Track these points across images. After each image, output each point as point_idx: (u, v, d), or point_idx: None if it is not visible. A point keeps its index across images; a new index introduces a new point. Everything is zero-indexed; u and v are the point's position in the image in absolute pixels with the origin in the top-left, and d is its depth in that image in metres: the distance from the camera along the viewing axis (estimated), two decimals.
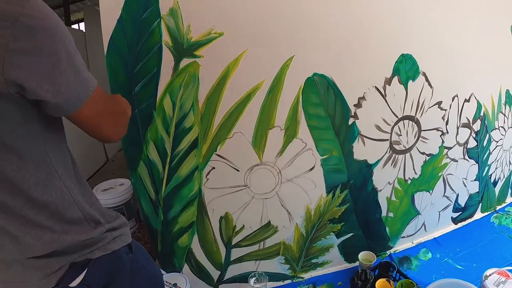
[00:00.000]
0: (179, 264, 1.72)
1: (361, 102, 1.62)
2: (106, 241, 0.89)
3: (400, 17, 1.60)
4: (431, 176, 1.98)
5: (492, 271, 1.62)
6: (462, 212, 2.24)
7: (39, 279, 0.81)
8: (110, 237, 0.90)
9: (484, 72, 1.96)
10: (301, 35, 1.46)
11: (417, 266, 1.91)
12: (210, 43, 1.37)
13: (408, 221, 2.02)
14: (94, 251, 0.86)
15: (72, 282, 0.83)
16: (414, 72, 1.70)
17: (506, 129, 2.22)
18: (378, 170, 1.77)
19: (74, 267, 0.84)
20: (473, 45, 1.85)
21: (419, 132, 1.81)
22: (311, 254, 1.84)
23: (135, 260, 0.97)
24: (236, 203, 1.62)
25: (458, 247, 2.04)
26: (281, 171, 1.59)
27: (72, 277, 0.83)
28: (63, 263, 0.82)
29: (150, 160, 1.49)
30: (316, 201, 1.71)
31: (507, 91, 2.12)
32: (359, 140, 1.67)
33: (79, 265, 0.84)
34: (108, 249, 0.89)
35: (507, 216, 2.29)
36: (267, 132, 1.52)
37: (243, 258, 1.75)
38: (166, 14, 1.33)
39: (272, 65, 1.46)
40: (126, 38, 1.33)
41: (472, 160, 2.12)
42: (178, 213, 1.59)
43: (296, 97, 1.51)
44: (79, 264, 0.84)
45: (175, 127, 1.46)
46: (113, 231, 0.92)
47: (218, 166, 1.53)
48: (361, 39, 1.55)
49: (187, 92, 1.41)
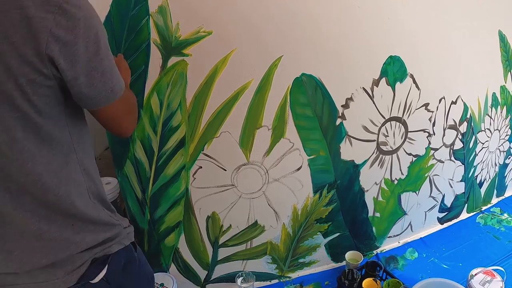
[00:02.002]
0: (166, 263, 1.71)
1: (348, 103, 1.62)
2: (121, 236, 0.92)
3: (389, 19, 1.60)
4: (418, 177, 1.99)
5: (477, 270, 1.64)
6: (448, 212, 2.26)
7: (60, 277, 0.80)
8: (124, 232, 0.94)
9: (471, 74, 1.98)
10: (290, 35, 1.46)
11: (404, 266, 1.92)
12: (199, 41, 1.37)
13: (395, 221, 2.03)
14: (113, 245, 0.88)
15: (94, 279, 0.84)
16: (402, 74, 1.71)
17: (492, 131, 2.25)
18: (365, 170, 1.78)
19: (96, 262, 0.84)
20: (461, 48, 1.87)
21: (406, 133, 1.83)
22: (298, 253, 1.85)
23: (139, 258, 1.01)
24: (223, 202, 1.61)
25: (444, 247, 2.06)
26: (268, 170, 1.59)
27: (94, 273, 0.84)
28: (85, 259, 0.82)
29: (137, 159, 1.48)
30: (303, 201, 1.71)
31: (494, 93, 2.14)
32: (346, 141, 1.68)
33: (100, 260, 0.85)
34: (122, 243, 0.92)
35: (493, 217, 2.32)
36: (254, 132, 1.52)
37: (230, 257, 1.75)
38: (155, 12, 1.32)
39: (260, 64, 1.46)
40: (114, 35, 1.32)
41: (458, 161, 2.14)
42: (164, 213, 1.58)
43: (284, 97, 1.51)
44: (100, 259, 0.85)
45: (162, 126, 1.45)
46: (127, 228, 0.96)
47: (205, 165, 1.53)
48: (349, 40, 1.56)
49: (174, 90, 1.41)
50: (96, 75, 0.72)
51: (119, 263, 0.91)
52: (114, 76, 0.77)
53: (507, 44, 2.10)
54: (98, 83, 0.73)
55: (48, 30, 0.62)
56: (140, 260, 1.01)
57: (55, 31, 0.63)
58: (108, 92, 0.75)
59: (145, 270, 1.06)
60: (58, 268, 0.79)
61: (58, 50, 0.64)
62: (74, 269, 0.81)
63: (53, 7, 0.62)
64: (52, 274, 0.79)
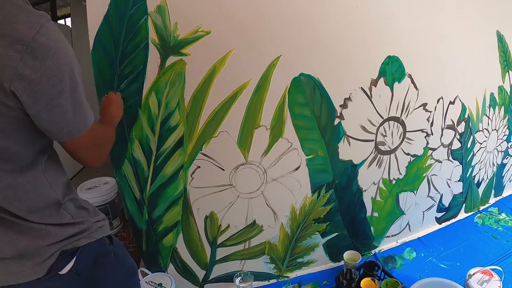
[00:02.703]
0: (164, 263, 1.71)
1: (347, 103, 1.63)
2: (91, 230, 0.94)
3: (387, 19, 1.61)
4: (416, 177, 2.00)
5: (475, 270, 1.65)
6: (446, 212, 2.27)
7: (30, 269, 0.83)
8: (94, 227, 0.95)
9: (469, 75, 1.99)
10: (288, 35, 1.46)
11: (402, 265, 1.92)
12: (197, 41, 1.37)
13: (393, 221, 2.03)
14: (81, 239, 0.90)
15: (62, 270, 0.87)
16: (400, 74, 1.71)
17: (490, 131, 2.26)
18: (363, 170, 1.78)
19: (64, 255, 0.87)
20: (459, 48, 1.88)
21: (404, 133, 1.83)
22: (296, 253, 1.85)
23: (115, 251, 1.02)
24: (221, 202, 1.61)
25: (442, 246, 2.07)
26: (267, 170, 1.59)
27: (62, 265, 0.87)
28: (53, 251, 0.85)
29: (135, 159, 1.48)
30: (301, 201, 1.71)
31: (492, 94, 2.15)
32: (344, 141, 1.68)
33: (68, 253, 0.88)
34: (92, 237, 0.94)
35: (490, 216, 2.33)
36: (252, 132, 1.52)
37: (228, 257, 1.74)
38: (154, 11, 1.32)
39: (259, 64, 1.46)
40: (112, 35, 1.32)
41: (456, 161, 2.15)
42: (163, 212, 1.58)
43: (282, 97, 1.51)
44: (68, 252, 0.88)
45: (161, 126, 1.45)
46: (97, 222, 0.97)
47: (203, 165, 1.53)
48: (348, 40, 1.56)
49: (173, 90, 1.41)
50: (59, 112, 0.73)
51: (89, 256, 0.93)
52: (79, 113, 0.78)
53: (505, 45, 2.11)
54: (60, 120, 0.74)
55: (14, 68, 0.64)
56: (118, 253, 1.03)
57: (21, 70, 0.64)
58: (70, 128, 0.77)
59: (124, 263, 1.07)
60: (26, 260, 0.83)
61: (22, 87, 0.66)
62: (43, 260, 0.84)
63: (22, 46, 0.63)
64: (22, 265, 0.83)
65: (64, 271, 0.87)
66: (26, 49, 0.63)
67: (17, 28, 0.63)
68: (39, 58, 0.65)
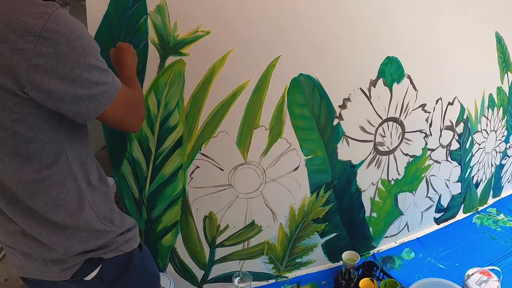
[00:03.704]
0: (163, 263, 1.71)
1: (346, 103, 1.63)
2: (119, 243, 0.93)
3: (387, 20, 1.61)
4: (414, 177, 2.00)
5: (474, 270, 1.65)
6: (444, 212, 2.27)
7: (56, 273, 0.87)
8: (123, 240, 0.94)
9: (468, 76, 1.99)
10: (287, 35, 1.46)
11: (400, 266, 1.93)
12: (197, 41, 1.37)
13: (391, 221, 2.04)
14: (107, 252, 0.91)
15: (87, 276, 0.89)
16: (399, 75, 1.71)
17: (489, 132, 2.26)
18: (362, 170, 1.78)
19: (89, 263, 0.89)
20: (458, 49, 1.88)
21: (403, 134, 1.83)
22: (295, 253, 1.85)
23: (143, 259, 1.01)
24: (220, 202, 1.61)
25: (441, 247, 2.07)
26: (266, 170, 1.60)
27: (86, 272, 0.89)
28: (78, 261, 0.87)
29: (134, 159, 1.48)
30: (300, 201, 1.71)
31: (490, 95, 2.15)
32: (343, 141, 1.68)
33: (93, 261, 0.89)
34: (120, 250, 0.93)
35: (489, 217, 2.33)
36: (252, 132, 1.52)
37: (227, 257, 1.74)
38: (153, 11, 1.32)
39: (258, 64, 1.46)
40: (111, 34, 1.31)
41: (454, 162, 2.15)
42: (162, 212, 1.58)
43: (282, 97, 1.51)
44: (94, 260, 0.89)
45: (160, 126, 1.45)
46: (126, 233, 0.96)
47: (203, 165, 1.53)
48: (347, 41, 1.56)
49: (172, 90, 1.41)
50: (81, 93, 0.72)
51: (115, 266, 0.93)
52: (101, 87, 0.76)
53: (504, 46, 2.12)
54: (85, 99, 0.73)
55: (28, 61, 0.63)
56: (144, 260, 1.02)
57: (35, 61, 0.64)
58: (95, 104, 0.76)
59: (149, 272, 1.05)
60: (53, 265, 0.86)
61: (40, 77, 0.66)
62: (68, 267, 0.86)
63: (33, 36, 0.63)
64: (50, 269, 0.86)
65: (89, 277, 0.89)
66: (38, 38, 0.63)
67: (26, 21, 0.63)
68: (53, 45, 0.65)
